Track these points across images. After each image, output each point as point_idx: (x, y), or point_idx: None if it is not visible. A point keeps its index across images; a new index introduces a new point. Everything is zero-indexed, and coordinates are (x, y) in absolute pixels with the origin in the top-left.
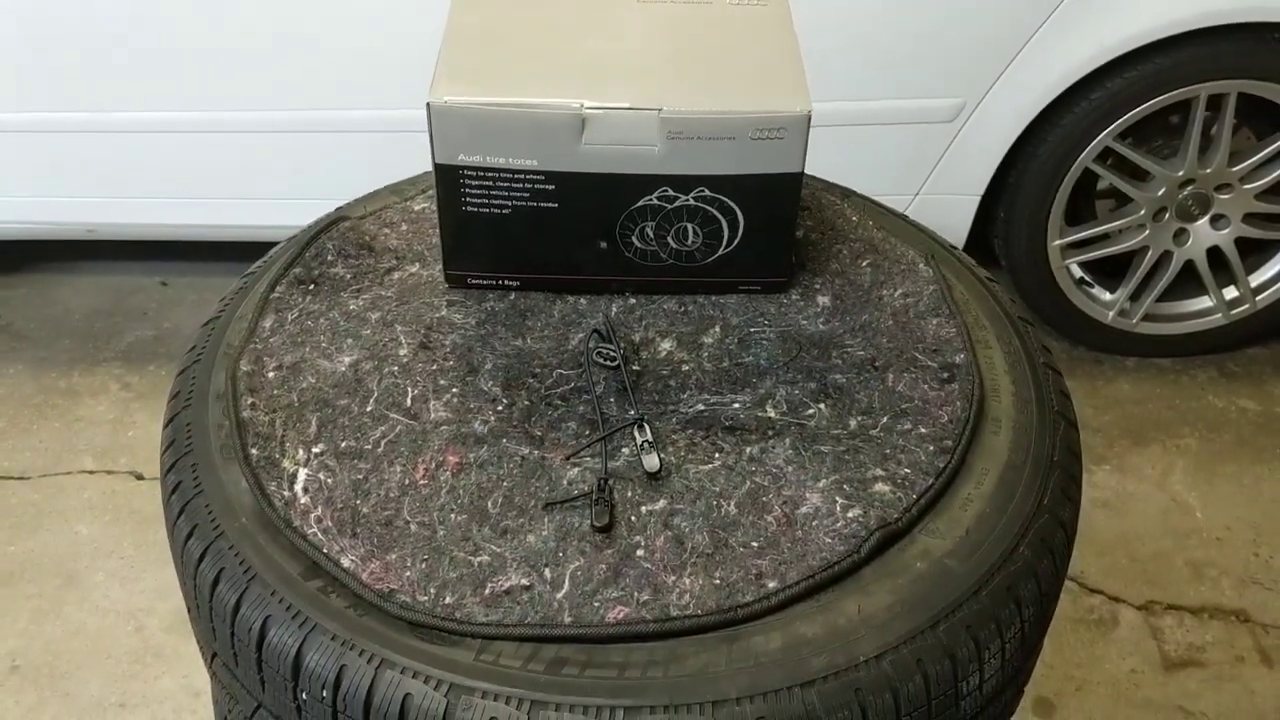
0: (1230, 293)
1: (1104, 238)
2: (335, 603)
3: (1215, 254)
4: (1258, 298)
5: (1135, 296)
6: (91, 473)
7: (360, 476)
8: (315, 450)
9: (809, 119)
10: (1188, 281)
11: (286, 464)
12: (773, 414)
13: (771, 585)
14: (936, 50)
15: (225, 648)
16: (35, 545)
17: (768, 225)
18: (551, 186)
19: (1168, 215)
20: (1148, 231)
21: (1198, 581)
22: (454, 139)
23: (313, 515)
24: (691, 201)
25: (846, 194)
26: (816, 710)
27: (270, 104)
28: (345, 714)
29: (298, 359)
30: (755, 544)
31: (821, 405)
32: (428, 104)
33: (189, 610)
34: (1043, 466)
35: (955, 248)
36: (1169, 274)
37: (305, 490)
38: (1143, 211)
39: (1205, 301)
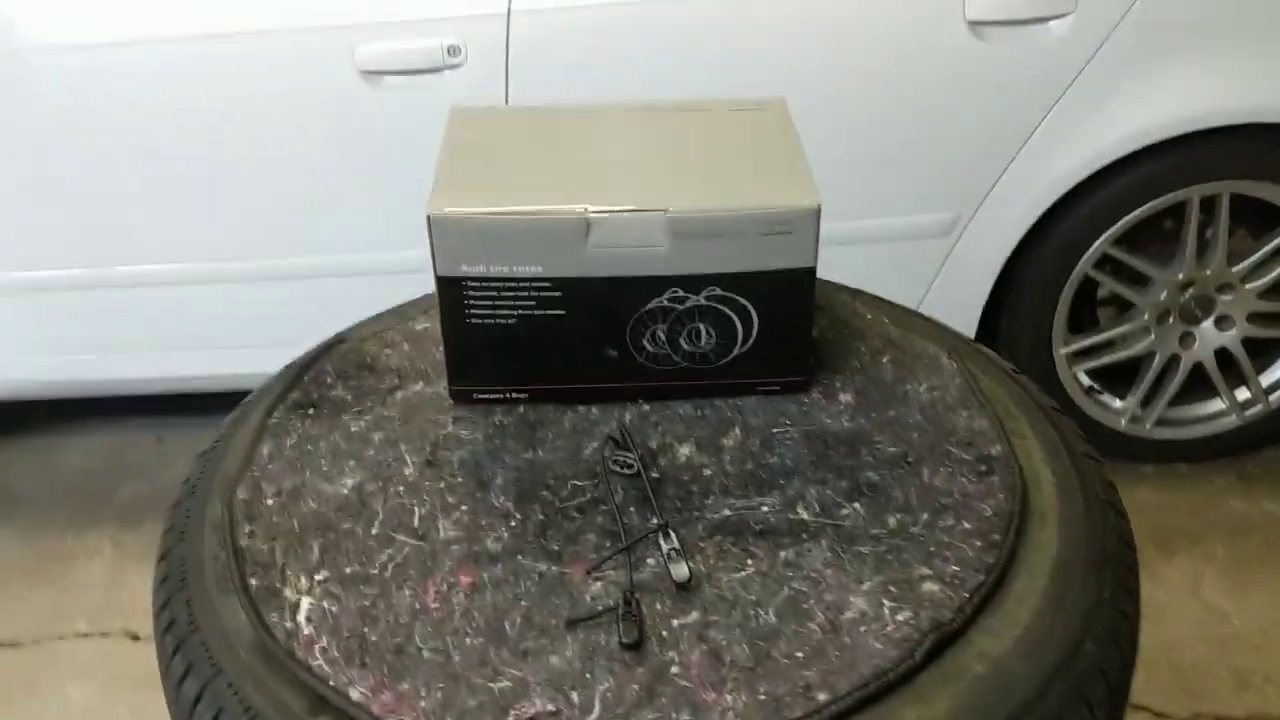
0: (1242, 394)
1: (1109, 345)
2: None
3: (1225, 355)
4: (1270, 397)
5: (1146, 402)
6: (85, 635)
7: (367, 603)
8: (318, 577)
9: (818, 213)
10: (1199, 385)
11: (288, 593)
12: (805, 515)
13: (822, 698)
14: (927, 166)
15: None
16: (28, 713)
17: (783, 322)
18: (558, 293)
19: (1171, 319)
20: (1153, 336)
21: (1243, 690)
22: (455, 250)
23: (317, 646)
24: (703, 301)
25: (856, 293)
26: None
27: (265, 252)
28: None
29: (297, 484)
30: (800, 654)
31: (856, 504)
32: (427, 215)
33: None
34: (1097, 558)
35: (974, 341)
36: (1178, 378)
37: (309, 619)
38: (1146, 316)
39: (1218, 404)
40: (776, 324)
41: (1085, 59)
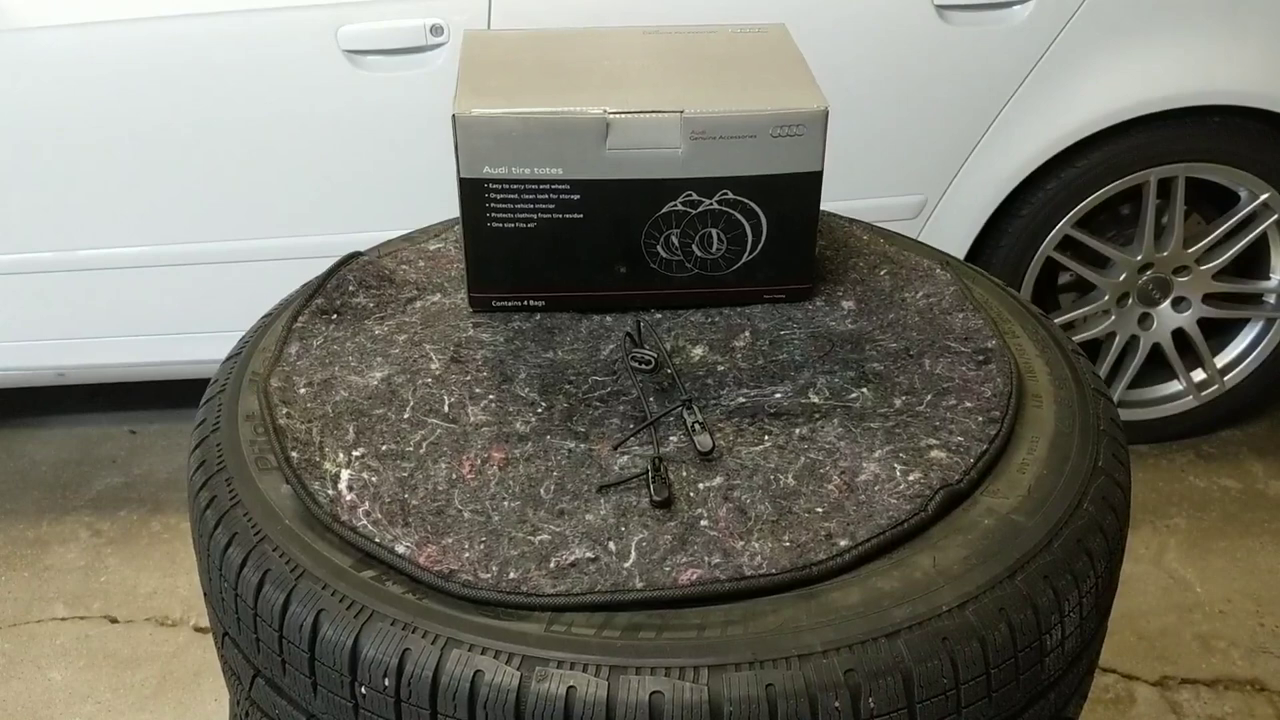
0: (1199, 375)
1: (1070, 327)
2: (392, 589)
3: (1182, 337)
4: (1225, 377)
5: (1107, 383)
6: (63, 619)
7: (405, 474)
8: (356, 454)
9: (826, 115)
10: (1158, 367)
11: (328, 466)
12: (816, 400)
13: (843, 543)
14: (897, 149)
15: (271, 657)
16: (7, 695)
17: (790, 228)
18: (576, 196)
19: (1130, 300)
20: (1113, 317)
21: (1208, 654)
22: (479, 151)
23: (360, 510)
24: (715, 205)
25: (852, 220)
26: (905, 660)
27: (247, 233)
28: (409, 702)
29: (328, 376)
30: (820, 509)
31: (864, 389)
32: (453, 116)
33: (221, 637)
34: (1091, 433)
35: (964, 261)
36: (1137, 359)
37: (350, 488)
38: (1106, 297)
39: (1176, 385)
40: (784, 229)
41: (1047, 43)
